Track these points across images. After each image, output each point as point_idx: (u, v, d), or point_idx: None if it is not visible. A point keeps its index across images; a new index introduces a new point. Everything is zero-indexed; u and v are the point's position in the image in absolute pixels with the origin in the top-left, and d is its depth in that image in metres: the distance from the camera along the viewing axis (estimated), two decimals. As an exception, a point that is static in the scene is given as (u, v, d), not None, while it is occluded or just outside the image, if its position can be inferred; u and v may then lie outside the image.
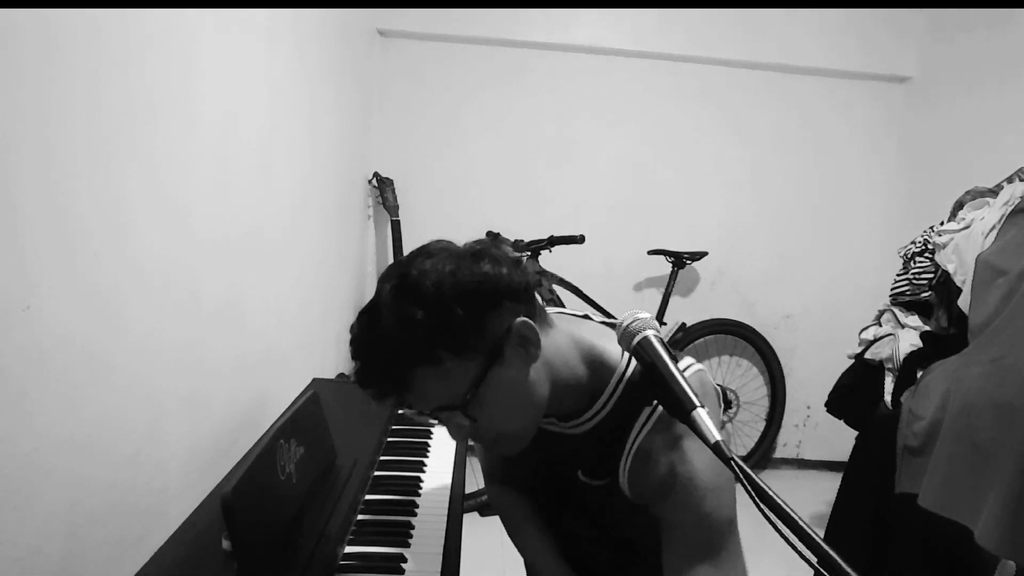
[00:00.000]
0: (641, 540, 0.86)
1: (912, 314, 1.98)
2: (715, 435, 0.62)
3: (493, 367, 0.70)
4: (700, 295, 2.97)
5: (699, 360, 0.90)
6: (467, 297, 0.68)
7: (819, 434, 3.05)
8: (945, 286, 1.78)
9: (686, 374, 0.74)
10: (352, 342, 0.71)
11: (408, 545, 0.90)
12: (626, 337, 0.75)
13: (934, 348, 1.77)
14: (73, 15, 0.77)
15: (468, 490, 2.44)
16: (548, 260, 2.58)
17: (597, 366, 0.79)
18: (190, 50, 1.06)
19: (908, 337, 1.90)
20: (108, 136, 0.85)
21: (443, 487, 1.09)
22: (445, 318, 0.67)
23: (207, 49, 1.12)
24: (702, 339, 2.91)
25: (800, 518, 0.54)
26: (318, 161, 1.92)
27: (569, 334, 0.80)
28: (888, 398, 1.88)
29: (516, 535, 0.98)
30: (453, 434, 0.76)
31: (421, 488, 1.07)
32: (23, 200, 0.70)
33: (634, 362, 0.78)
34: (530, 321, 0.72)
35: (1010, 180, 1.76)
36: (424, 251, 0.73)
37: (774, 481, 2.90)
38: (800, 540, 0.52)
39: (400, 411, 0.80)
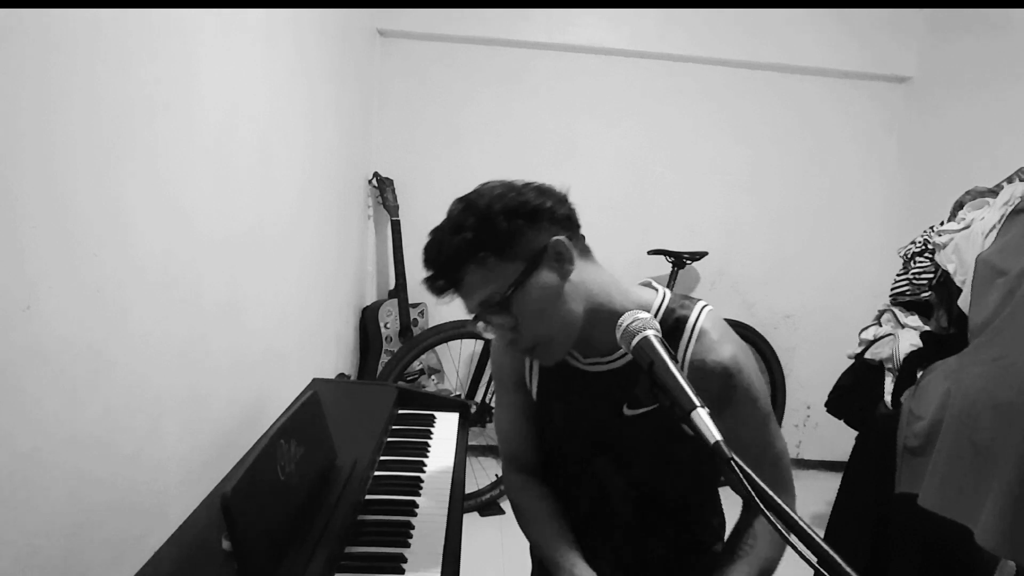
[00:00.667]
0: (671, 480, 0.95)
1: (912, 314, 1.98)
2: (715, 435, 0.62)
3: (532, 273, 0.84)
4: (700, 295, 2.97)
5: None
6: (510, 213, 0.84)
7: (819, 434, 3.05)
8: (945, 286, 1.78)
9: (702, 316, 0.90)
10: (424, 249, 0.88)
11: (408, 545, 0.90)
12: (626, 336, 0.76)
13: (934, 348, 1.77)
14: (73, 15, 0.77)
15: (468, 490, 2.44)
16: (548, 260, 2.58)
17: (635, 300, 0.91)
18: (190, 50, 1.06)
19: (908, 337, 1.90)
20: (108, 136, 0.85)
21: (443, 487, 1.09)
22: (491, 227, 0.83)
23: (207, 49, 1.12)
24: (702, 339, 2.90)
25: (800, 518, 0.54)
26: (318, 161, 1.92)
27: (611, 275, 0.93)
28: (888, 398, 1.88)
29: (533, 526, 0.98)
30: (497, 334, 0.89)
31: (421, 488, 1.07)
32: (23, 199, 0.70)
33: (669, 293, 0.94)
34: (565, 241, 0.86)
35: (1010, 180, 1.76)
36: (488, 182, 0.89)
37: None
38: (800, 540, 0.52)
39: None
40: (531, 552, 1.14)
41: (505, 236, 0.83)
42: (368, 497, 1.02)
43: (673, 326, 0.90)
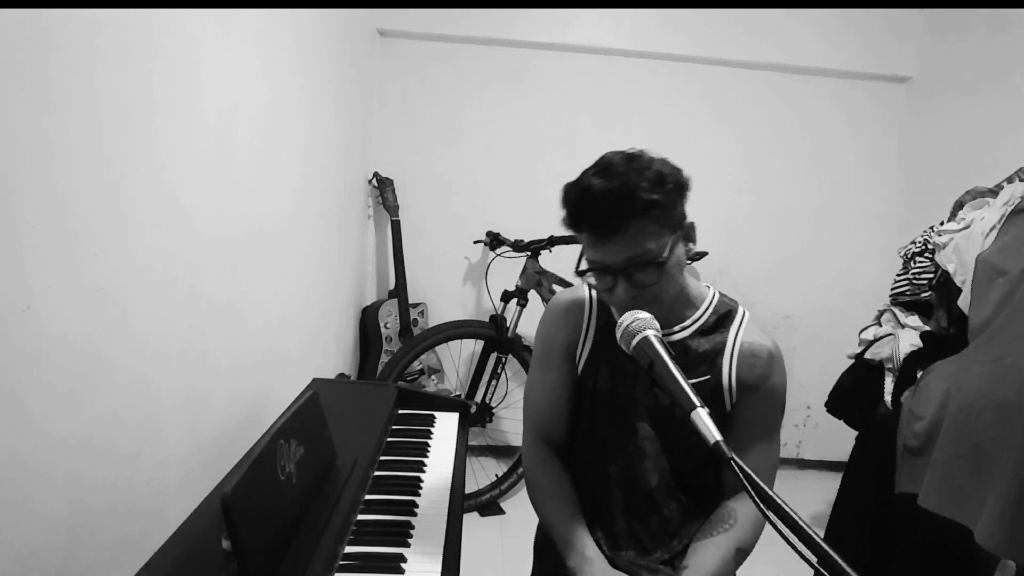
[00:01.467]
0: (700, 451, 0.97)
1: (912, 314, 1.98)
2: (714, 435, 0.63)
3: (678, 243, 0.92)
4: (700, 295, 2.97)
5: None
6: (676, 184, 0.91)
7: (819, 434, 3.04)
8: (945, 286, 1.78)
9: (746, 313, 1.04)
10: (589, 188, 0.88)
11: (408, 545, 0.90)
12: (626, 336, 0.76)
13: (934, 348, 1.77)
14: (72, 15, 0.77)
15: (468, 490, 2.44)
16: (548, 260, 2.58)
17: (699, 289, 1.04)
18: (190, 50, 1.06)
19: (908, 337, 1.90)
20: (108, 136, 0.85)
21: (443, 487, 1.09)
22: (664, 191, 0.88)
23: (207, 49, 1.12)
24: (702, 339, 2.91)
25: (800, 518, 0.54)
26: (318, 161, 1.92)
27: None
28: (888, 398, 1.88)
29: (548, 504, 1.02)
30: (623, 295, 0.90)
31: (421, 488, 1.07)
32: (23, 200, 0.70)
33: (719, 292, 1.06)
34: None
35: (1010, 180, 1.76)
36: (630, 151, 0.93)
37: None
38: (800, 540, 0.52)
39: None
40: (535, 543, 1.15)
41: (671, 203, 0.89)
42: (368, 497, 1.02)
43: (725, 314, 1.03)
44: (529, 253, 2.54)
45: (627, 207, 0.86)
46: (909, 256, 1.99)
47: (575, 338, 1.06)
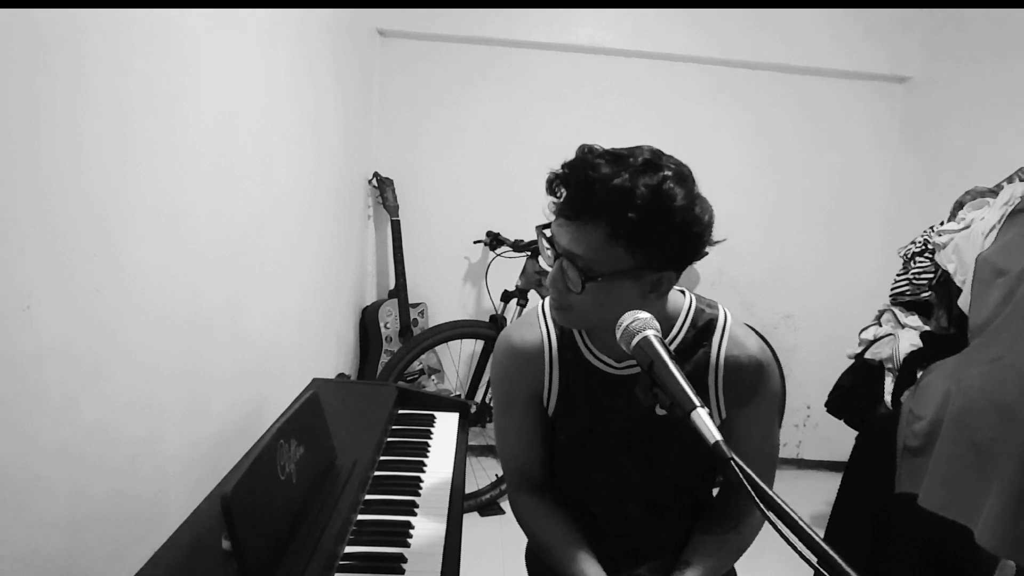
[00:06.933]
0: (692, 473, 1.01)
1: (912, 314, 1.98)
2: (715, 435, 0.63)
3: (627, 278, 0.84)
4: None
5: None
6: (678, 229, 0.82)
7: (819, 434, 3.04)
8: (945, 286, 1.78)
9: (728, 316, 0.97)
10: (584, 164, 0.83)
11: (408, 545, 0.90)
12: (626, 336, 0.76)
13: (934, 348, 1.77)
14: (65, 15, 0.76)
15: (468, 490, 2.44)
16: (548, 260, 2.58)
17: (673, 304, 0.96)
18: (189, 51, 1.06)
19: (908, 337, 1.90)
20: (107, 137, 0.85)
21: (443, 487, 1.09)
22: (648, 217, 0.79)
23: (207, 49, 1.12)
24: (702, 339, 2.90)
25: (800, 518, 0.54)
26: (318, 161, 1.92)
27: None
28: (888, 398, 1.88)
29: (556, 554, 0.96)
30: (553, 277, 0.87)
31: (421, 488, 1.07)
32: (18, 200, 0.70)
33: (693, 296, 0.99)
34: (672, 276, 0.87)
35: (1010, 180, 1.76)
36: (674, 168, 0.84)
37: (774, 481, 2.89)
38: (800, 540, 0.52)
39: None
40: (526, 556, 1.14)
41: (645, 235, 0.80)
42: (368, 497, 1.02)
43: (705, 327, 0.96)
44: (529, 253, 2.54)
45: (591, 204, 0.79)
46: (909, 256, 1.99)
47: (539, 383, 1.00)
